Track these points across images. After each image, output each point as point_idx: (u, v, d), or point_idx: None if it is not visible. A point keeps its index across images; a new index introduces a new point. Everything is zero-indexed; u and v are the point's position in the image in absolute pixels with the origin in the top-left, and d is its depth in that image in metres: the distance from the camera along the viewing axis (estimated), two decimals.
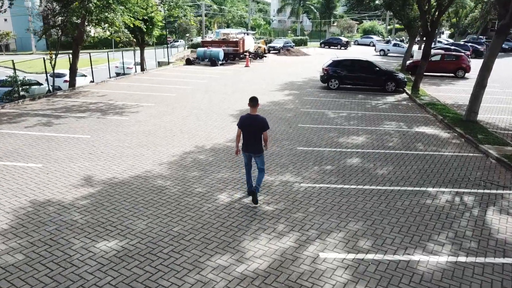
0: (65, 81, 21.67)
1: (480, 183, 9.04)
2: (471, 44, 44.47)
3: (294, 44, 52.07)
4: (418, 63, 23.33)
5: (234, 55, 35.12)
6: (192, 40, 52.84)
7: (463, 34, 66.18)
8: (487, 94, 14.43)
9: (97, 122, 13.69)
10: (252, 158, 7.72)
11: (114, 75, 27.93)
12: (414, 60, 29.04)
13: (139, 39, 28.02)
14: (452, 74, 27.33)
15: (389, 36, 69.55)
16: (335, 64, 21.68)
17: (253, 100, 7.44)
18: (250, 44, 39.13)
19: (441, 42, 49.25)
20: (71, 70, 20.82)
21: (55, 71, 20.00)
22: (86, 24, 20.08)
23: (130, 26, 20.68)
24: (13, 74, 18.19)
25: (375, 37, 67.15)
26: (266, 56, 39.01)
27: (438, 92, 21.20)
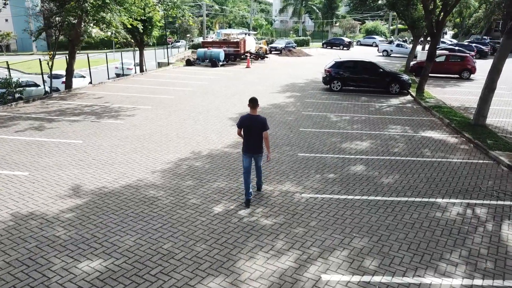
0: (63, 82, 21.21)
1: (492, 193, 8.51)
2: (476, 45, 43.80)
3: (296, 44, 51.57)
4: (422, 64, 22.79)
5: (235, 55, 34.61)
6: (193, 40, 52.42)
7: (466, 34, 65.60)
8: (494, 97, 13.86)
9: (90, 126, 13.20)
10: (252, 159, 7.65)
11: (114, 76, 27.46)
12: (418, 61, 28.43)
13: (138, 40, 27.57)
14: (457, 76, 26.75)
15: (392, 37, 68.92)
16: (338, 65, 21.10)
17: (253, 101, 7.41)
18: (252, 45, 38.64)
19: (444, 43, 48.51)
20: (67, 72, 20.35)
21: (53, 72, 19.52)
22: (83, 24, 19.61)
23: (128, 26, 20.21)
24: (7, 75, 17.73)
25: (377, 37, 66.48)
26: (267, 57, 38.50)
27: (443, 94, 20.63)
